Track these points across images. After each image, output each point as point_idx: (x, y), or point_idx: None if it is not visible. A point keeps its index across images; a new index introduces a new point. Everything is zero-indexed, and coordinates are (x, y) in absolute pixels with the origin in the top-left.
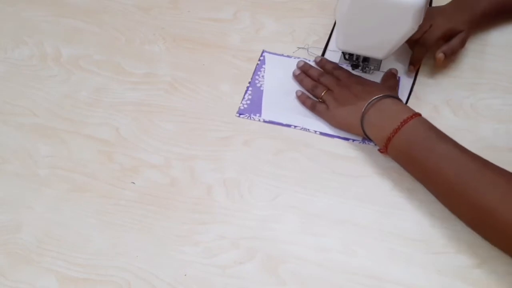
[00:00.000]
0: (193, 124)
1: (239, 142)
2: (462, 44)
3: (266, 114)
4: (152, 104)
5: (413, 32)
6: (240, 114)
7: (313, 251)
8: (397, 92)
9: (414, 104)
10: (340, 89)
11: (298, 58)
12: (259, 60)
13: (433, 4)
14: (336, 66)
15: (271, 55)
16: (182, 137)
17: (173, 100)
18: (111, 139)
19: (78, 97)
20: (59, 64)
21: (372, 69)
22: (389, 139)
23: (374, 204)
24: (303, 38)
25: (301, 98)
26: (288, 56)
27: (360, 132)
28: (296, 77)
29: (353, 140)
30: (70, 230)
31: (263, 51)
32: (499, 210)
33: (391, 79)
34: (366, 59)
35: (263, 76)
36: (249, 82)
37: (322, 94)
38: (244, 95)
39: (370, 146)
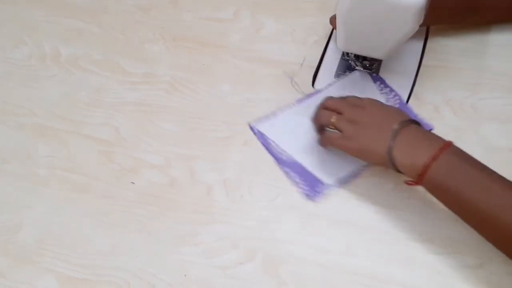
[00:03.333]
0: (193, 124)
1: (239, 142)
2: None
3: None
4: (152, 104)
5: (413, 32)
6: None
7: (313, 251)
8: None
9: (414, 104)
10: (353, 111)
11: (283, 111)
12: (255, 134)
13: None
14: (343, 97)
15: (260, 124)
16: (182, 137)
17: (173, 100)
18: (111, 139)
19: (78, 97)
20: (59, 64)
21: (373, 69)
22: (424, 170)
23: (374, 204)
24: (303, 38)
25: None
26: (273, 115)
27: (383, 160)
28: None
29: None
30: (70, 230)
31: (251, 127)
32: None
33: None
34: (366, 59)
35: (277, 145)
36: (275, 161)
37: (332, 119)
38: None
39: None
